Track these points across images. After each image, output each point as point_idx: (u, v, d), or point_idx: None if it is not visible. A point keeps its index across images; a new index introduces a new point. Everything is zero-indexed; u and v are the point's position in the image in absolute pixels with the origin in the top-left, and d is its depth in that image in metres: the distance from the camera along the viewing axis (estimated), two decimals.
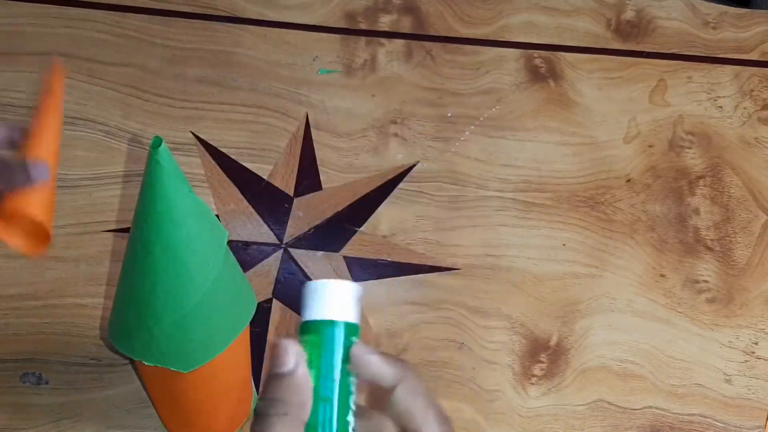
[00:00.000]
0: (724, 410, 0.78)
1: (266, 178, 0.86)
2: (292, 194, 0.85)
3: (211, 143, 0.87)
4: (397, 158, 0.89)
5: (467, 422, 0.75)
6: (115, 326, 0.57)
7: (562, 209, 0.87)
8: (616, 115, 0.94)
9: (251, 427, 0.39)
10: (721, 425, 0.77)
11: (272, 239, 0.82)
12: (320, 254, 0.82)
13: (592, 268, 0.84)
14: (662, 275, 0.85)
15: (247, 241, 0.82)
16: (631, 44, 1.00)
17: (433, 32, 0.98)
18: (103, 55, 0.91)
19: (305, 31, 0.96)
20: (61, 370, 0.73)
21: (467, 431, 0.75)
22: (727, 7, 1.05)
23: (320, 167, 0.87)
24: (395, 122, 0.91)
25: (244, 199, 0.84)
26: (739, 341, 0.82)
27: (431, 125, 0.91)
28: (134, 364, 0.73)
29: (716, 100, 0.97)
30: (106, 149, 0.85)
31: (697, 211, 0.89)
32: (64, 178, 0.83)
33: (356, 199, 0.86)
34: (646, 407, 0.77)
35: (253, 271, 0.80)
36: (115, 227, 0.81)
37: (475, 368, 0.78)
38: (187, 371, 0.56)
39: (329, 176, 0.87)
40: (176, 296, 0.52)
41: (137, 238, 0.51)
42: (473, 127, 0.92)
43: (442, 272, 0.82)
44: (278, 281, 0.80)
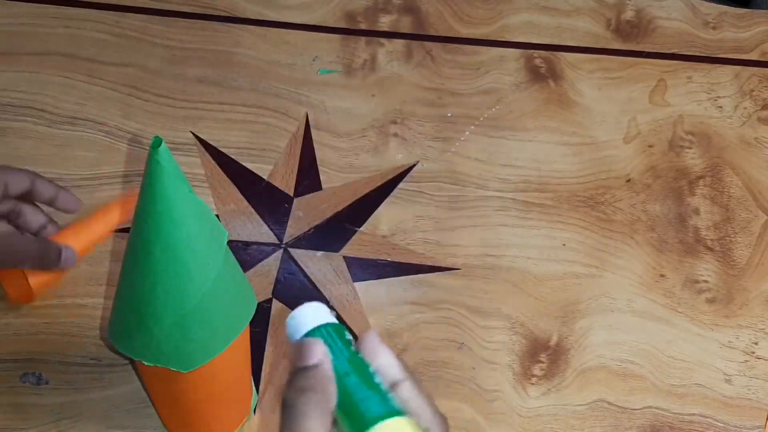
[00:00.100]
0: (724, 410, 0.78)
1: (266, 178, 0.86)
2: (292, 194, 0.85)
3: (211, 143, 0.87)
4: (397, 158, 0.89)
5: (467, 422, 0.75)
6: (115, 326, 0.57)
7: (562, 209, 0.87)
8: (616, 115, 0.94)
9: (281, 417, 0.41)
10: (721, 425, 0.77)
11: (272, 239, 0.82)
12: (320, 254, 0.82)
13: (592, 268, 0.84)
14: (662, 275, 0.85)
15: (247, 241, 0.82)
16: (631, 44, 1.00)
17: (433, 32, 0.98)
18: (103, 55, 0.91)
19: (305, 31, 0.96)
20: (61, 370, 0.73)
21: (467, 431, 0.75)
22: (727, 7, 1.05)
23: (320, 167, 0.87)
24: (395, 122, 0.91)
25: (244, 199, 0.84)
26: (739, 341, 0.82)
27: (431, 125, 0.91)
28: (134, 364, 0.73)
29: (716, 100, 0.97)
30: (106, 149, 0.85)
31: (697, 211, 0.89)
32: (64, 177, 0.83)
33: (356, 199, 0.86)
34: (646, 407, 0.77)
35: (253, 271, 0.80)
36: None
37: (475, 368, 0.78)
38: (187, 371, 0.56)
39: (329, 176, 0.87)
40: (176, 296, 0.52)
41: (137, 238, 0.51)
42: (473, 127, 0.92)
43: (441, 272, 0.82)
44: (278, 281, 0.80)
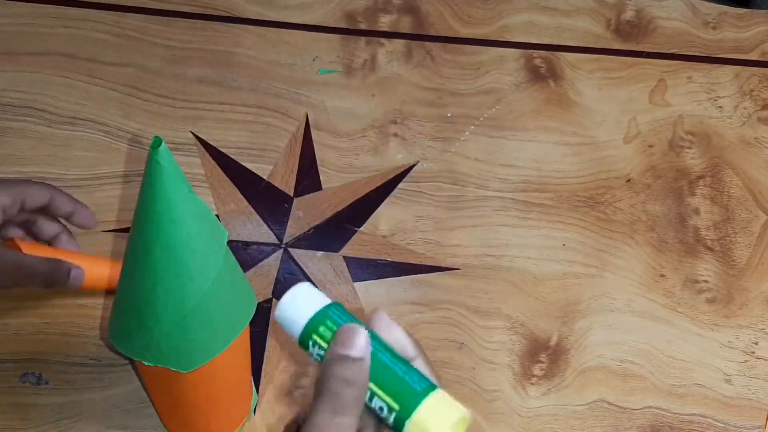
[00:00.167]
0: (724, 410, 0.78)
1: (266, 178, 0.86)
2: (292, 194, 0.85)
3: (211, 143, 0.87)
4: (397, 158, 0.89)
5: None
6: (115, 326, 0.57)
7: (562, 209, 0.87)
8: (616, 115, 0.94)
9: (315, 400, 0.41)
10: (721, 425, 0.77)
11: (272, 239, 0.82)
12: (320, 254, 0.82)
13: (592, 268, 0.84)
14: (662, 275, 0.85)
15: (247, 241, 0.82)
16: (631, 44, 1.00)
17: (433, 32, 0.98)
18: (103, 55, 0.91)
19: (305, 31, 0.96)
20: (60, 370, 0.73)
21: (467, 431, 0.75)
22: (727, 7, 1.05)
23: (320, 167, 0.87)
24: (395, 122, 0.91)
25: (244, 199, 0.84)
26: (739, 341, 0.82)
27: (431, 125, 0.91)
28: (134, 364, 0.73)
29: (716, 100, 0.97)
30: (106, 149, 0.85)
31: (697, 211, 0.89)
32: (64, 178, 0.83)
33: (356, 199, 0.86)
34: (646, 407, 0.77)
35: (253, 271, 0.80)
36: (115, 227, 0.81)
37: (474, 368, 0.78)
38: (187, 371, 0.56)
39: (329, 176, 0.87)
40: (176, 296, 0.52)
41: (137, 238, 0.51)
42: (473, 127, 0.92)
43: (441, 272, 0.82)
44: (278, 281, 0.80)
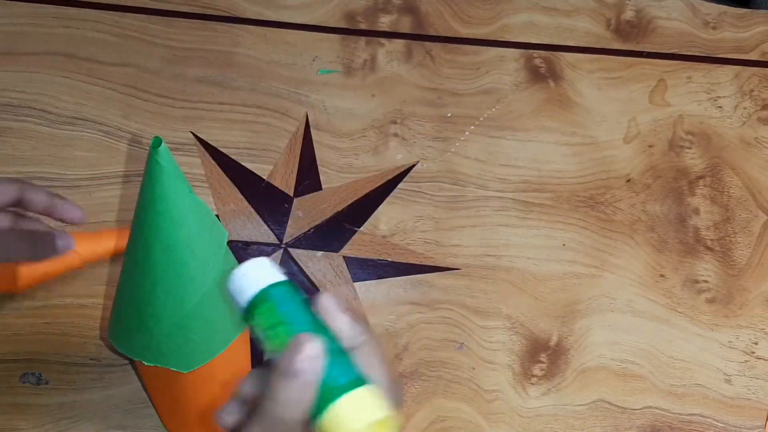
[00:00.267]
0: (724, 410, 0.78)
1: (266, 178, 0.86)
2: (292, 194, 0.85)
3: (211, 143, 0.87)
4: (396, 158, 0.89)
5: (467, 422, 0.75)
6: (115, 326, 0.57)
7: (562, 209, 0.87)
8: (616, 115, 0.94)
9: (255, 412, 0.40)
10: (721, 425, 0.77)
11: (272, 239, 0.82)
12: (320, 254, 0.82)
13: (592, 268, 0.84)
14: (662, 275, 0.85)
15: (247, 241, 0.82)
16: (631, 44, 1.00)
17: (433, 32, 0.98)
18: (102, 55, 0.91)
19: (305, 31, 0.96)
20: (60, 370, 0.73)
21: (467, 431, 0.75)
22: (727, 7, 1.05)
23: (320, 167, 0.87)
24: (395, 122, 0.91)
25: (244, 199, 0.84)
26: (739, 341, 0.82)
27: (431, 125, 0.91)
28: (134, 364, 0.73)
29: (716, 100, 0.97)
30: (106, 149, 0.85)
31: (697, 211, 0.89)
32: (64, 178, 0.83)
33: (356, 199, 0.86)
34: (646, 407, 0.77)
35: None
36: (115, 227, 0.81)
37: (474, 368, 0.78)
38: (187, 371, 0.56)
39: (329, 176, 0.87)
40: (176, 296, 0.52)
41: (137, 238, 0.51)
42: (473, 127, 0.92)
43: (441, 272, 0.82)
44: None
